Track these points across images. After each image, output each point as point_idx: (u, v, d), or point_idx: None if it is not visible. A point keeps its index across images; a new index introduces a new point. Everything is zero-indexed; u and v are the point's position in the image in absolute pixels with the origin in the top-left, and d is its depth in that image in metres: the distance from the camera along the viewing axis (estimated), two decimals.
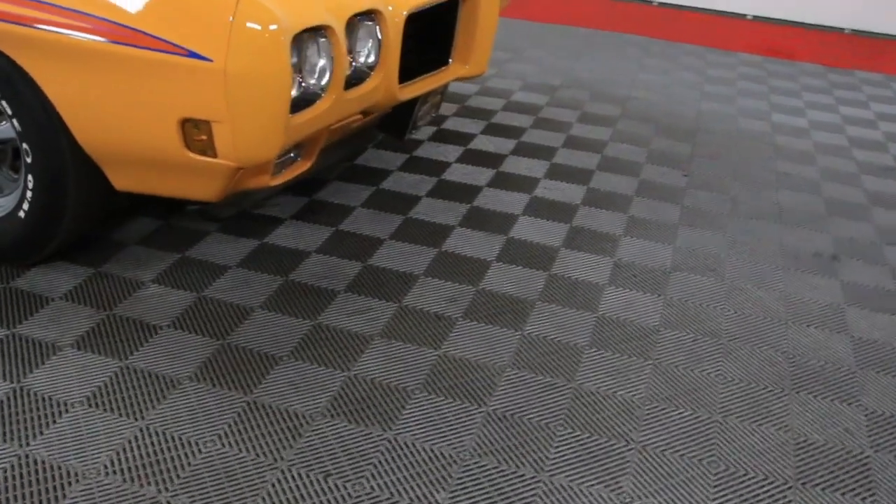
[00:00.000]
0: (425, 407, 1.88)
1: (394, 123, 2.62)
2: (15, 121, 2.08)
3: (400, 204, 2.83)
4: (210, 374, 1.94)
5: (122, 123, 1.94)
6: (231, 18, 1.76)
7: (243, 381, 1.92)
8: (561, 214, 2.85)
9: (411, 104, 2.56)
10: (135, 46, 1.81)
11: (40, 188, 2.13)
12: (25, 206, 2.17)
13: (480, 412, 1.88)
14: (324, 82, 1.98)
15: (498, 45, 4.88)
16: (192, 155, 1.93)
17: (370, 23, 2.12)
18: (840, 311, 2.40)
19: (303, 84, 1.97)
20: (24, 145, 2.10)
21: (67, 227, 2.20)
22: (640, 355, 2.13)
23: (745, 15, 6.00)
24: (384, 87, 2.19)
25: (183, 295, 2.24)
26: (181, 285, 2.28)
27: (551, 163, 3.27)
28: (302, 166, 2.19)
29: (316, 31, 1.93)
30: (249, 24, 1.76)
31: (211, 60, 1.78)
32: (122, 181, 2.12)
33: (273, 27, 1.77)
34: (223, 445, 1.73)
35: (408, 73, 2.47)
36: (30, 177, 2.13)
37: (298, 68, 1.95)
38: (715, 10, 6.10)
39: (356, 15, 2.06)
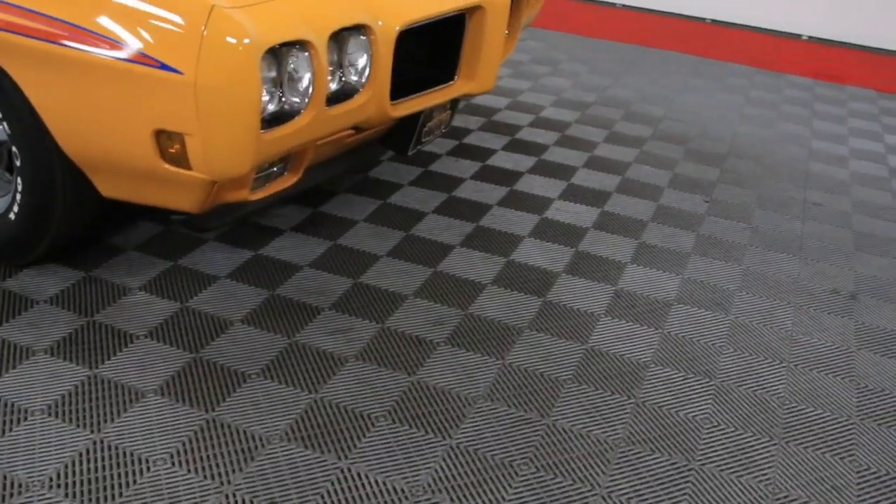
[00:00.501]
0: (387, 436, 1.82)
1: (397, 138, 2.58)
2: (5, 124, 2.10)
3: (404, 220, 2.78)
4: (176, 388, 1.91)
5: (101, 132, 1.93)
6: (202, 31, 1.74)
7: (208, 397, 1.90)
8: (568, 237, 2.76)
9: (415, 119, 2.51)
10: (110, 56, 1.81)
11: (28, 191, 2.15)
12: (16, 208, 2.19)
13: (443, 445, 1.81)
14: (305, 98, 1.94)
15: (537, 58, 4.80)
16: (167, 166, 1.91)
17: (360, 38, 2.08)
18: (849, 355, 2.26)
19: (283, 99, 1.94)
20: (14, 149, 2.11)
21: (56, 231, 2.21)
22: (623, 392, 2.03)
23: (800, 35, 5.79)
24: (375, 103, 2.14)
25: (166, 304, 2.22)
26: (167, 294, 2.27)
27: (569, 183, 3.18)
28: (288, 181, 2.16)
29: (296, 46, 1.89)
30: (220, 38, 1.74)
31: (182, 73, 1.76)
32: (106, 188, 2.12)
33: (245, 41, 1.74)
34: (173, 465, 1.70)
35: (411, 87, 2.43)
36: (19, 179, 2.15)
37: (278, 83, 1.91)
38: (769, 30, 5.90)
39: (344, 29, 2.02)
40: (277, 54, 1.88)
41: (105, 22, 1.80)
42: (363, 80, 2.11)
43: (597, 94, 4.27)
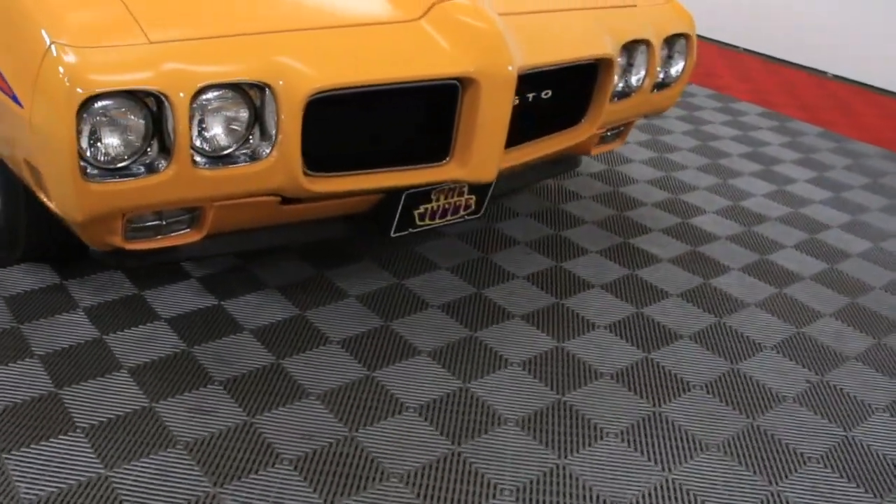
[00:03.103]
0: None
1: (380, 218, 2.28)
2: None
3: (397, 308, 2.46)
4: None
5: (5, 151, 1.95)
6: (39, 67, 1.65)
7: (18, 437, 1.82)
8: (546, 386, 2.23)
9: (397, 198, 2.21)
10: None
11: (4, 199, 2.26)
12: (1, 206, 2.32)
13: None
14: (169, 154, 1.77)
15: (756, 154, 4.04)
16: (42, 196, 1.87)
17: (260, 99, 1.84)
18: None
19: (148, 151, 1.78)
20: None
21: (26, 236, 2.28)
22: None
23: None
24: (284, 172, 1.89)
25: (87, 330, 2.20)
26: (101, 322, 2.25)
27: (636, 312, 2.58)
28: (189, 237, 2.01)
29: (162, 97, 1.72)
30: (50, 76, 1.64)
31: (23, 107, 1.69)
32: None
33: (66, 82, 1.61)
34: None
35: (395, 159, 2.13)
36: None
37: (145, 135, 1.76)
38: None
39: (247, 85, 1.80)
40: (142, 103, 1.73)
41: None
42: (269, 146, 1.88)
43: (790, 209, 3.46)
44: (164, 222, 1.96)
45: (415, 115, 2.12)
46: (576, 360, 2.32)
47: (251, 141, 1.89)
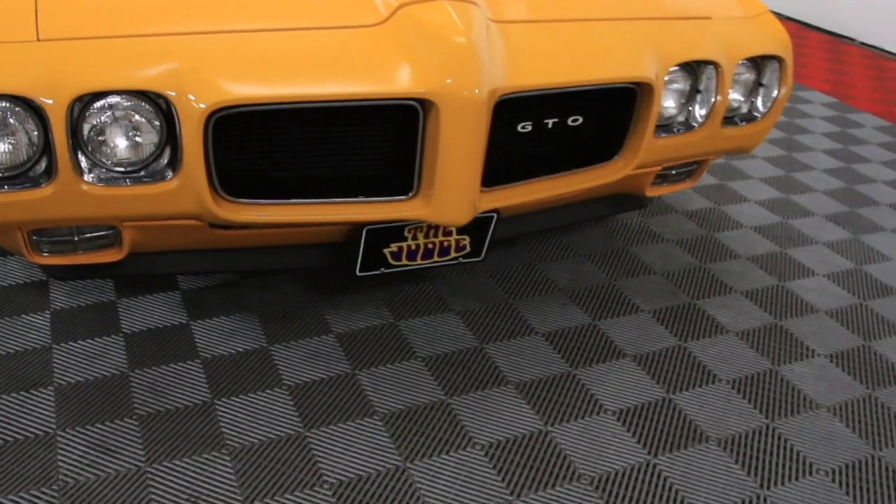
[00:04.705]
0: None
1: (346, 252, 1.98)
2: None
3: (375, 354, 2.16)
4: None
5: None
6: None
7: None
8: (504, 489, 1.84)
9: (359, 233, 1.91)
10: None
11: None
12: None
13: None
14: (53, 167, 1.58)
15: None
16: None
17: (163, 112, 1.61)
18: None
19: (39, 162, 1.60)
20: None
21: None
22: None
23: None
24: (190, 195, 1.64)
25: (41, 336, 2.10)
26: (59, 330, 2.15)
27: (662, 398, 2.11)
28: (108, 256, 1.82)
29: (32, 107, 1.53)
30: None
31: None
32: None
33: None
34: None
35: (340, 188, 1.83)
36: None
37: (35, 144, 1.58)
38: None
39: (154, 94, 1.57)
40: (35, 109, 1.55)
41: None
42: (172, 165, 1.64)
43: None
44: (75, 238, 1.78)
45: (368, 141, 1.80)
46: (557, 453, 1.92)
47: (161, 158, 1.66)
